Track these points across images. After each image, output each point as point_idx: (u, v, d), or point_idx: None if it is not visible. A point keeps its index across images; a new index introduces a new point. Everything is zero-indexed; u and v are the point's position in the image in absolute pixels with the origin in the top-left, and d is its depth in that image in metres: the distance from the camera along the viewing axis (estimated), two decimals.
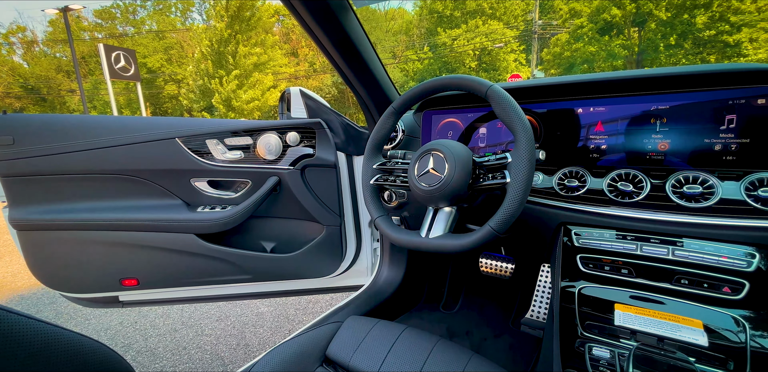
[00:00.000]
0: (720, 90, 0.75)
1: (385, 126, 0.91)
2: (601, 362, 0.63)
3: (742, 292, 0.68)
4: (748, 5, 12.82)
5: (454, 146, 0.76)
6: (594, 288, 0.79)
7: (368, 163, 0.93)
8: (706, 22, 13.23)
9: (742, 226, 0.71)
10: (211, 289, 1.42)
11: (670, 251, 0.76)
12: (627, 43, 15.09)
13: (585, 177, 0.88)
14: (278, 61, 19.16)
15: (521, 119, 0.69)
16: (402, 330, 0.84)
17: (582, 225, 0.88)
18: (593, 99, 0.89)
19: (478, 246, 0.70)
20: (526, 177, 0.66)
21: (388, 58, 23.12)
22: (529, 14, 18.87)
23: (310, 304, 2.29)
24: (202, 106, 18.34)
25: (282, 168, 1.29)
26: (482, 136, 1.07)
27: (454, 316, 1.52)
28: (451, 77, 0.79)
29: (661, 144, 0.81)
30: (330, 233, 1.35)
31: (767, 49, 13.83)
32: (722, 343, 0.63)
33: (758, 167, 0.72)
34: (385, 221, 0.87)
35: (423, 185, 0.77)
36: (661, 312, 0.70)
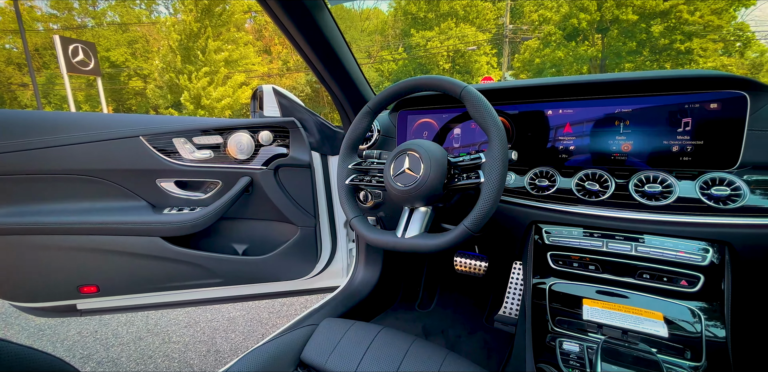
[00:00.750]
0: (677, 95, 0.79)
1: (361, 125, 0.91)
2: (571, 356, 0.65)
3: (698, 284, 0.72)
4: (697, 18, 13.78)
5: (430, 146, 0.76)
6: (563, 284, 0.81)
7: (343, 163, 0.92)
8: (662, 31, 14.12)
9: (696, 223, 0.76)
10: (179, 294, 1.36)
11: (633, 247, 0.79)
12: (592, 48, 15.83)
13: (555, 177, 0.91)
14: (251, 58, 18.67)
15: (494, 120, 0.70)
16: (378, 331, 0.84)
17: (552, 223, 0.91)
18: (562, 101, 0.92)
19: (453, 245, 0.71)
20: (499, 177, 0.68)
21: (363, 57, 23.07)
22: (500, 18, 19.40)
23: (284, 307, 2.24)
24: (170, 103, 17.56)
25: (254, 168, 1.25)
26: (457, 136, 1.08)
27: (429, 315, 1.53)
28: (426, 77, 0.79)
29: (624, 145, 0.85)
30: (304, 234, 1.33)
31: (715, 58, 14.93)
32: (680, 334, 0.66)
33: (711, 167, 0.77)
34: (361, 222, 0.86)
35: (399, 185, 0.76)
36: (626, 305, 0.73)
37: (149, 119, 1.20)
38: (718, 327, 0.66)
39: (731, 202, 0.73)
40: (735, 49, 16.19)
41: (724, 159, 0.75)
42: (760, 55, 16.77)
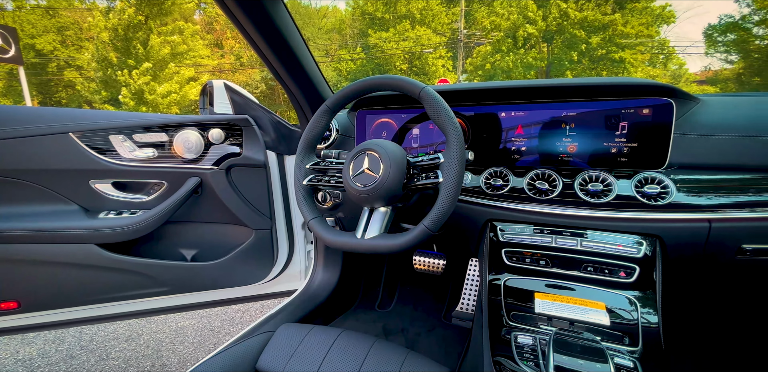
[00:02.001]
0: (615, 100, 0.86)
1: (319, 124, 0.88)
2: (525, 349, 0.68)
3: (634, 275, 0.78)
4: (629, 30, 15.21)
5: (389, 146, 0.76)
6: (517, 279, 0.85)
7: (301, 162, 0.89)
8: (600, 43, 15.40)
9: (632, 218, 0.82)
10: (118, 305, 1.25)
11: (578, 242, 0.85)
12: (538, 56, 16.86)
13: (508, 176, 0.95)
14: (199, 51, 17.63)
15: (452, 121, 0.71)
16: (338, 334, 0.82)
17: (506, 221, 0.95)
18: (514, 104, 0.96)
19: (414, 245, 0.71)
20: (457, 176, 0.69)
21: (321, 56, 22.71)
22: (455, 23, 20.04)
23: (238, 314, 2.14)
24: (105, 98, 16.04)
25: (204, 168, 1.18)
26: (415, 136, 1.09)
27: (389, 315, 1.53)
28: (385, 77, 0.79)
29: (570, 146, 0.90)
30: (259, 237, 1.27)
31: (642, 68, 16.56)
32: (620, 322, 0.72)
33: (644, 167, 0.84)
34: (320, 223, 0.84)
35: (358, 185, 0.75)
36: (573, 297, 0.78)
37: (81, 114, 1.09)
38: (652, 314, 0.73)
39: (661, 199, 0.80)
40: (659, 61, 18.09)
41: (654, 160, 0.83)
42: (679, 67, 18.89)
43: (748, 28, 14.84)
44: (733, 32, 15.24)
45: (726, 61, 16.17)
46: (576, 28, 15.26)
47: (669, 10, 17.21)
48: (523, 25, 16.18)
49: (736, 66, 15.77)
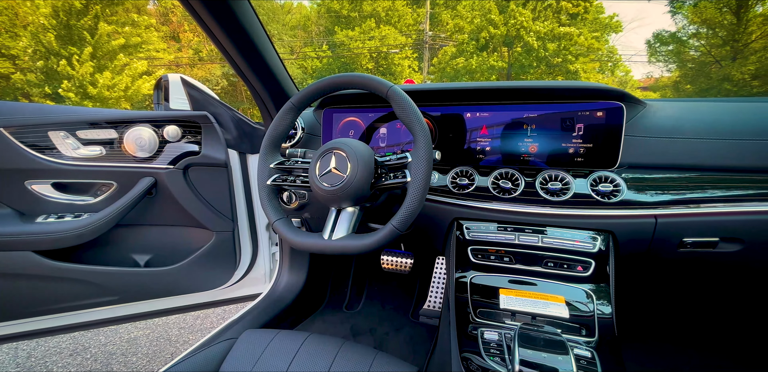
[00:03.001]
0: (572, 103, 0.90)
1: (283, 122, 0.86)
2: (491, 344, 0.69)
3: (590, 269, 0.83)
4: (582, 40, 16.17)
5: (357, 145, 0.75)
6: (482, 276, 0.87)
7: (264, 162, 0.86)
8: (555, 50, 16.24)
9: (587, 215, 0.87)
10: (61, 317, 1.14)
11: (540, 239, 0.88)
12: (500, 59, 17.48)
13: (474, 176, 0.97)
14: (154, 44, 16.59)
15: (420, 120, 0.71)
16: (305, 338, 0.80)
17: (472, 219, 0.97)
18: (479, 105, 0.98)
19: (382, 245, 0.71)
20: (425, 176, 0.69)
21: (286, 53, 22.14)
22: (420, 25, 20.30)
23: (198, 321, 2.04)
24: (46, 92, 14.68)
25: (159, 167, 1.11)
26: (383, 136, 1.09)
27: (357, 315, 1.52)
28: (353, 75, 0.78)
29: (531, 147, 0.94)
30: (221, 240, 1.22)
31: (593, 74, 17.69)
32: (577, 314, 0.75)
33: (599, 167, 0.89)
34: (285, 224, 0.81)
35: (325, 185, 0.74)
36: (535, 292, 0.81)
37: (14, 108, 0.99)
38: (606, 305, 0.77)
39: (613, 196, 0.85)
40: (607, 68, 19.40)
41: (607, 160, 0.88)
42: (625, 74, 20.37)
43: (684, 40, 16.36)
44: (671, 44, 16.74)
45: (665, 70, 17.75)
46: (532, 37, 16.01)
47: (616, 21, 18.57)
48: (486, 28, 16.71)
49: (674, 74, 17.32)
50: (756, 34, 14.27)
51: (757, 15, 14.31)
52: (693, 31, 16.02)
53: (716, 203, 0.80)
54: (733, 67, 13.97)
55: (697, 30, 15.89)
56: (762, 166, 0.80)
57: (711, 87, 14.35)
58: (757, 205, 0.78)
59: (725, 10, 14.87)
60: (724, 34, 15.21)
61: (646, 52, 17.54)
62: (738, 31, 14.67)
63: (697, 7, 15.50)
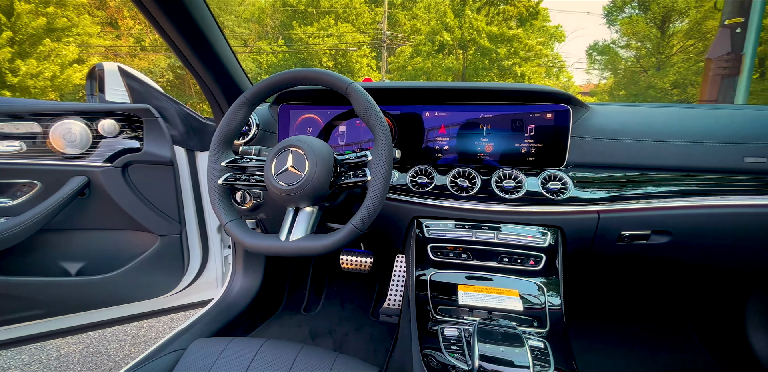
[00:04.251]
0: (524, 105, 0.95)
1: (236, 118, 0.81)
2: (452, 341, 0.71)
3: (541, 263, 0.87)
4: (531, 44, 17.16)
5: (315, 143, 0.73)
6: (442, 273, 0.88)
7: (215, 159, 0.81)
8: (506, 53, 17.07)
9: (538, 212, 0.92)
10: None
11: (495, 235, 0.92)
12: (455, 62, 18.03)
13: (432, 174, 0.99)
14: (87, 29, 15.04)
15: (380, 118, 0.71)
16: (260, 344, 0.76)
17: (431, 218, 0.98)
18: (438, 105, 1.00)
19: (342, 245, 0.69)
20: (385, 175, 0.69)
21: (239, 46, 21.15)
22: (378, 24, 20.35)
23: (140, 332, 1.88)
24: None
25: (92, 165, 1.00)
26: (342, 134, 1.07)
27: (316, 317, 1.49)
28: (311, 70, 0.75)
29: (487, 146, 0.97)
30: (167, 244, 1.13)
31: (540, 79, 18.86)
32: (530, 307, 0.79)
33: (548, 166, 0.94)
34: (238, 226, 0.77)
35: (282, 184, 0.71)
36: (491, 287, 0.84)
37: None
38: (555, 297, 0.82)
39: (561, 194, 0.91)
40: (553, 73, 20.77)
41: (556, 159, 0.94)
42: (568, 80, 21.93)
43: (616, 51, 18.01)
44: (606, 53, 18.34)
45: (602, 77, 19.45)
46: (485, 39, 16.71)
47: (560, 30, 19.97)
48: (441, 31, 17.14)
49: (609, 81, 19.01)
50: (676, 47, 16.06)
51: (677, 31, 16.10)
52: (625, 42, 17.69)
53: (650, 199, 0.88)
54: (657, 77, 15.61)
55: (628, 42, 17.57)
56: (685, 166, 0.89)
57: (639, 93, 15.93)
58: (682, 201, 0.87)
59: (651, 24, 16.55)
60: (651, 47, 16.96)
61: (585, 60, 19.09)
62: (662, 44, 16.41)
63: (628, 21, 17.14)
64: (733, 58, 4.99)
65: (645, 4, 16.39)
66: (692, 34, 15.23)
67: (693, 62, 14.67)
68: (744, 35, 4.79)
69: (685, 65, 15.09)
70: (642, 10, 16.75)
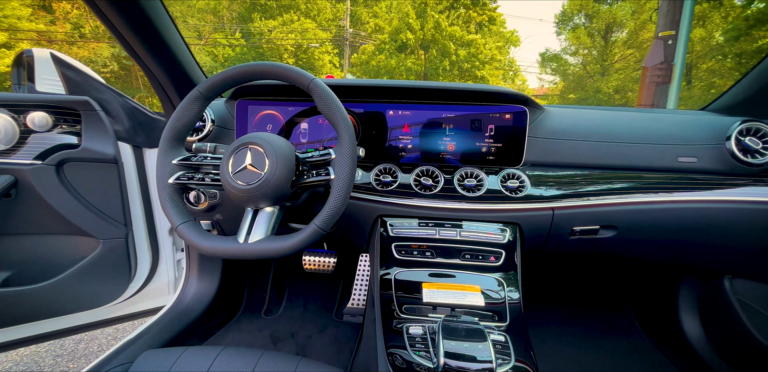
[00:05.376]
0: (485, 106, 0.97)
1: (188, 113, 0.76)
2: (417, 339, 0.71)
3: (501, 259, 0.90)
4: (487, 50, 17.83)
5: (275, 140, 0.70)
6: (406, 272, 0.89)
7: (166, 157, 0.75)
8: (466, 56, 17.61)
9: (498, 209, 0.95)
10: None
11: (458, 233, 0.94)
12: (417, 62, 18.30)
13: (396, 173, 0.99)
14: (15, 11, 13.51)
15: (344, 116, 0.69)
16: (217, 353, 0.72)
17: (395, 216, 0.98)
18: (401, 104, 1.00)
19: (305, 246, 0.67)
20: (350, 173, 0.68)
21: (193, 37, 20.01)
22: (341, 20, 20.14)
23: (80, 346, 1.72)
24: None
25: (21, 163, 0.90)
26: (303, 131, 1.04)
27: (277, 320, 1.44)
28: (271, 64, 0.72)
29: (449, 145, 0.99)
30: (110, 248, 1.04)
31: (497, 82, 19.69)
32: (491, 302, 0.82)
33: (508, 165, 0.98)
34: (191, 228, 0.72)
35: (240, 184, 0.67)
36: (454, 284, 0.86)
37: None
38: (514, 291, 0.85)
39: (519, 191, 0.94)
40: (509, 76, 21.74)
41: (514, 158, 0.97)
42: (522, 83, 23.05)
43: (566, 57, 19.26)
44: (556, 60, 19.53)
45: (553, 81, 20.69)
46: (446, 40, 17.12)
47: (516, 36, 20.92)
48: (404, 31, 17.31)
49: (560, 85, 20.25)
50: (617, 56, 17.44)
51: (618, 40, 17.49)
52: (573, 50, 18.95)
53: (598, 196, 0.94)
54: (601, 82, 16.88)
55: (576, 49, 18.84)
56: (627, 165, 0.96)
57: (587, 97, 17.14)
58: (625, 198, 0.94)
59: (596, 33, 17.85)
60: (596, 54, 18.27)
61: (538, 64, 20.25)
62: (606, 52, 17.74)
63: (576, 30, 18.37)
64: (666, 67, 5.50)
65: (590, 14, 17.66)
66: (631, 43, 16.64)
67: (632, 70, 16.03)
68: (675, 47, 5.28)
69: (625, 72, 16.46)
70: (588, 19, 18.01)
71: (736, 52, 8.71)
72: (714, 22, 12.93)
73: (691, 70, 13.73)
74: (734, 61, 10.08)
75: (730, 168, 0.94)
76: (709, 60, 13.94)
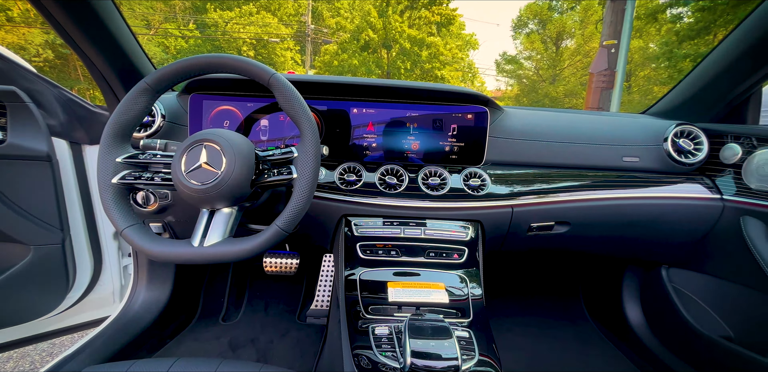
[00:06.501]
0: (448, 105, 0.99)
1: (135, 107, 0.70)
2: (383, 339, 0.70)
3: (464, 256, 0.92)
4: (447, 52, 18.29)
5: (233, 137, 0.66)
6: (371, 272, 0.88)
7: (109, 154, 0.69)
8: (428, 57, 17.93)
9: (461, 207, 0.97)
10: None
11: (422, 231, 0.95)
12: (380, 61, 18.35)
13: (361, 172, 0.98)
14: None
15: (306, 112, 0.67)
16: (170, 365, 0.67)
17: (360, 216, 0.97)
18: (365, 102, 0.99)
19: (266, 249, 0.65)
20: (313, 172, 0.66)
21: (140, 26, 18.63)
22: (302, 16, 19.69)
23: (8, 364, 1.55)
24: None
25: None
26: (264, 128, 1.00)
27: (236, 326, 1.38)
28: (229, 57, 0.68)
29: (413, 144, 0.99)
30: (43, 255, 0.94)
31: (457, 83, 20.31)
32: (454, 299, 0.83)
33: (470, 164, 1.01)
34: (138, 232, 0.67)
35: (194, 183, 0.63)
36: (419, 282, 0.86)
37: None
38: (476, 288, 0.87)
39: (481, 190, 0.97)
40: (468, 78, 22.45)
41: (476, 157, 1.00)
42: (481, 85, 23.91)
43: (521, 61, 20.24)
44: (512, 63, 20.47)
45: (509, 84, 21.70)
46: (407, 41, 17.33)
47: (474, 39, 21.64)
48: (366, 30, 17.27)
49: (515, 88, 21.27)
50: (567, 62, 18.61)
51: (569, 47, 18.68)
52: (528, 54, 19.98)
53: (553, 194, 0.99)
54: (553, 86, 17.93)
55: (530, 54, 19.88)
56: (578, 164, 1.03)
57: (539, 100, 18.15)
58: (577, 195, 1.00)
59: (548, 40, 18.93)
60: (548, 60, 19.37)
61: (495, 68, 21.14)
62: (557, 58, 18.87)
63: (530, 35, 19.37)
64: (610, 74, 5.94)
65: (544, 20, 18.69)
66: (579, 50, 17.83)
67: (580, 75, 17.18)
68: (617, 55, 5.73)
69: (574, 78, 17.61)
70: (541, 26, 19.05)
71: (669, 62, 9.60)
72: (650, 34, 14.21)
73: (631, 77, 15.00)
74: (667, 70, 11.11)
75: (667, 167, 1.03)
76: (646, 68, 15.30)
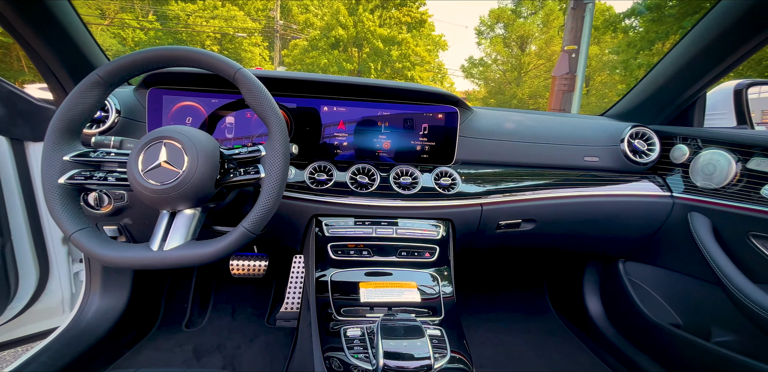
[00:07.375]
0: (420, 105, 0.99)
1: (85, 101, 0.64)
2: (355, 341, 0.70)
3: (435, 255, 0.93)
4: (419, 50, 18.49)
5: (196, 135, 0.63)
6: (342, 273, 0.87)
7: (55, 152, 0.63)
8: (398, 56, 18.03)
9: (432, 206, 0.97)
10: None
11: (394, 230, 0.94)
12: (350, 60, 18.24)
13: (332, 171, 0.96)
14: None
15: (274, 109, 0.65)
16: None
17: (331, 215, 0.95)
18: (336, 100, 0.97)
19: (233, 251, 0.62)
20: (282, 171, 0.64)
21: (94, 15, 17.41)
22: (271, 12, 19.18)
23: None
24: None
25: None
26: (229, 126, 0.96)
27: (201, 333, 1.32)
28: (192, 50, 0.64)
29: (385, 143, 0.99)
30: None
31: (427, 83, 20.60)
32: (426, 297, 0.84)
33: (441, 163, 1.01)
34: (89, 236, 0.62)
35: (152, 183, 0.59)
36: (391, 281, 0.86)
37: None
38: (447, 286, 0.88)
39: (452, 189, 0.98)
40: (438, 79, 22.83)
41: (446, 156, 1.01)
42: (450, 86, 24.38)
43: (488, 64, 20.86)
44: (480, 65, 21.06)
45: (477, 85, 22.30)
46: (378, 40, 17.34)
47: (444, 40, 22.01)
48: (336, 27, 17.10)
49: (482, 89, 21.87)
50: (531, 65, 19.36)
51: (532, 52, 19.43)
52: (494, 57, 20.60)
53: (520, 192, 1.02)
54: (518, 88, 18.59)
55: (497, 57, 20.51)
56: (543, 163, 1.07)
57: (505, 102, 18.78)
58: (542, 193, 1.03)
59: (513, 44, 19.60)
60: (514, 62, 20.06)
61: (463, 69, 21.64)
62: (522, 61, 19.57)
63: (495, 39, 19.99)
64: (571, 77, 6.23)
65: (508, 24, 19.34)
66: (542, 54, 18.59)
67: (543, 78, 17.93)
68: (577, 60, 6.02)
69: (537, 80, 18.35)
70: (506, 30, 19.69)
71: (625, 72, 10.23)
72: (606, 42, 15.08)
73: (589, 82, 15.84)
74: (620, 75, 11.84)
75: (624, 166, 1.09)
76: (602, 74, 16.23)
